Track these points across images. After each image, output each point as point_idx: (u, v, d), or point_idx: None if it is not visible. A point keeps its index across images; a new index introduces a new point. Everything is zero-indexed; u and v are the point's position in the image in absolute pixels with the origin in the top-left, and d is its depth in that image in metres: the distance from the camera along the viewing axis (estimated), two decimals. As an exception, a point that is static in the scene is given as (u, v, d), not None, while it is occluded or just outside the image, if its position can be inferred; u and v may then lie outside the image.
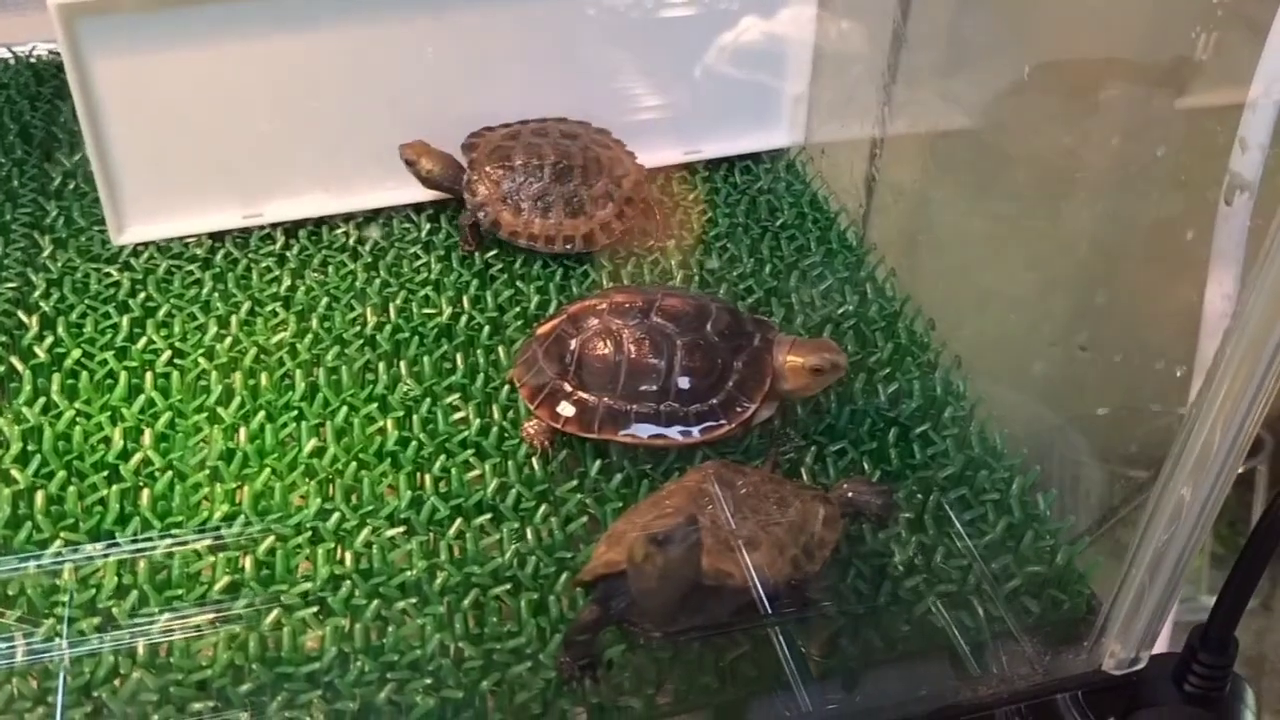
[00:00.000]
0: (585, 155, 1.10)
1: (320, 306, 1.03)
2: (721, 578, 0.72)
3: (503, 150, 1.09)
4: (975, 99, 0.97)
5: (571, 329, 0.92)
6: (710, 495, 0.78)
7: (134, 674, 0.73)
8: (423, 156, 1.10)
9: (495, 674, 0.77)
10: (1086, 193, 0.88)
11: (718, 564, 0.72)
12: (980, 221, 0.99)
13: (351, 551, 0.83)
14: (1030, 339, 0.93)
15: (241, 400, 0.94)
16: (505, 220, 1.08)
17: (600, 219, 1.09)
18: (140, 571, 0.80)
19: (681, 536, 0.68)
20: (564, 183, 1.08)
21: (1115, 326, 0.88)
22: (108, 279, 1.04)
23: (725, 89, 1.19)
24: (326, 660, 0.76)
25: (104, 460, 0.87)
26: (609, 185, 1.09)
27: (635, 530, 0.77)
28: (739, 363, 0.90)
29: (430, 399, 0.95)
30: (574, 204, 1.08)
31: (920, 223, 1.08)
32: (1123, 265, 0.87)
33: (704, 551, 0.73)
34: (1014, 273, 0.96)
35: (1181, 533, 0.75)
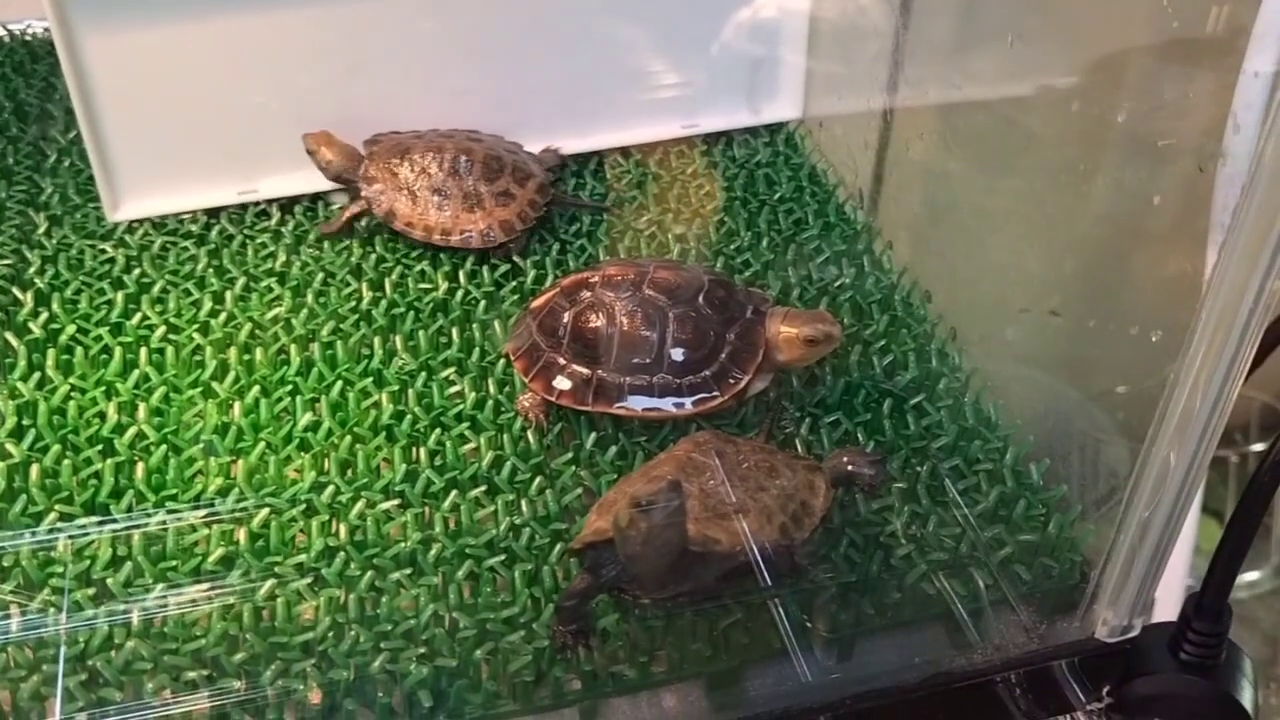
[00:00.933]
0: (488, 154, 1.08)
1: (316, 282, 1.04)
2: (709, 544, 0.72)
3: (403, 145, 1.09)
4: (979, 69, 0.97)
5: (565, 302, 0.92)
6: (699, 464, 0.78)
7: (128, 643, 0.74)
8: (323, 146, 1.08)
9: (489, 643, 0.77)
10: (1091, 166, 0.87)
11: (704, 530, 0.72)
12: (981, 194, 0.98)
13: (346, 524, 0.84)
14: (1026, 310, 0.92)
15: (236, 375, 0.94)
16: (400, 210, 1.06)
17: (499, 216, 1.07)
18: (135, 544, 0.80)
19: (664, 501, 0.69)
20: (462, 178, 1.07)
21: (1112, 297, 0.88)
22: (102, 255, 1.04)
23: (722, 62, 1.18)
24: (321, 630, 0.77)
25: (99, 435, 0.87)
26: (510, 184, 1.08)
27: (625, 499, 0.77)
28: (731, 334, 0.90)
29: (426, 373, 0.96)
30: (471, 199, 1.07)
31: (919, 195, 1.08)
32: (1125, 238, 0.86)
33: (691, 518, 0.73)
34: (1012, 244, 0.95)
35: (1167, 497, 0.75)
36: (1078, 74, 0.86)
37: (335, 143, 1.09)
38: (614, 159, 1.19)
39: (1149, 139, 0.80)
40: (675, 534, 0.71)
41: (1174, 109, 0.78)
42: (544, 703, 0.77)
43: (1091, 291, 0.87)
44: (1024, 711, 0.86)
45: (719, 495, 0.75)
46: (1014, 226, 0.95)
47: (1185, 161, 0.78)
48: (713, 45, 1.17)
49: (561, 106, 1.15)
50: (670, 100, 1.19)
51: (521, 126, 1.15)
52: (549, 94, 1.14)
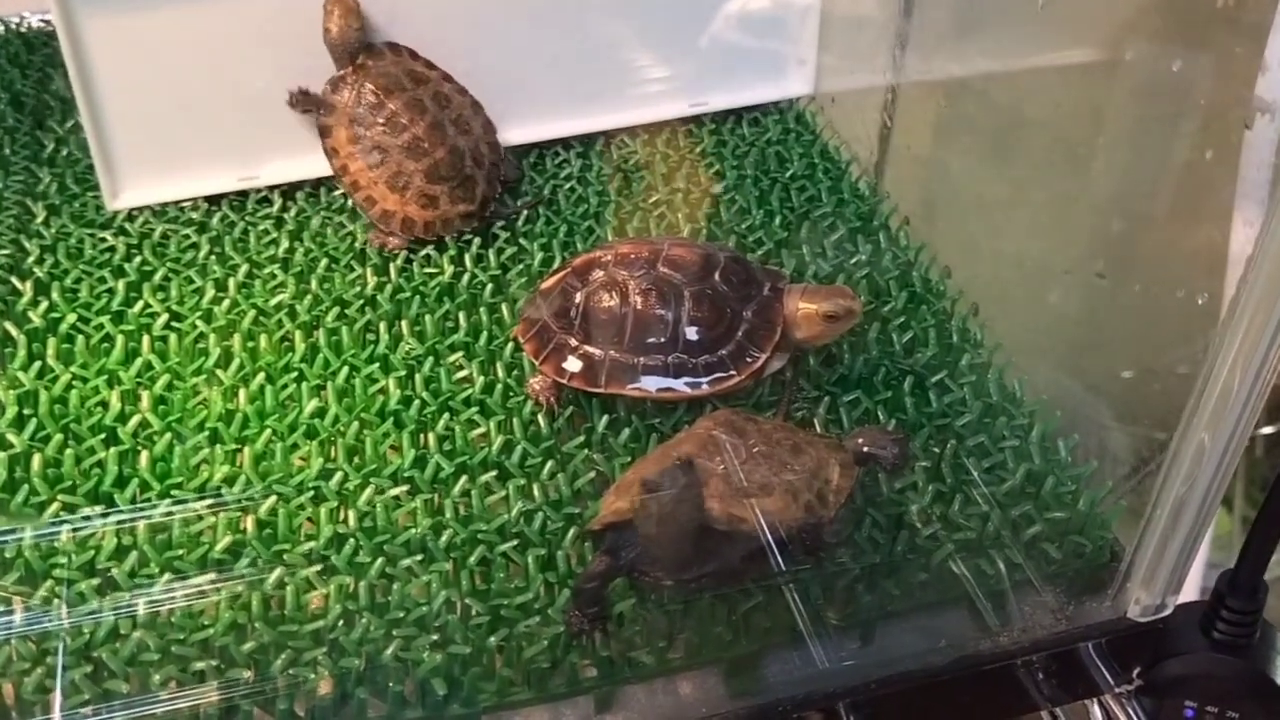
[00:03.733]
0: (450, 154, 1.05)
1: (319, 268, 1.01)
2: (734, 523, 0.70)
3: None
4: (997, 37, 0.94)
5: (576, 282, 0.90)
6: (721, 442, 0.76)
7: (134, 634, 0.72)
8: (337, 9, 1.03)
9: (503, 630, 0.75)
10: (1109, 136, 0.85)
11: (730, 509, 0.70)
12: (998, 167, 0.96)
13: (355, 510, 0.82)
14: (1049, 281, 0.90)
15: (240, 363, 0.92)
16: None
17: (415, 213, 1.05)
18: (140, 533, 0.78)
19: (679, 478, 0.67)
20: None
21: (1144, 264, 0.85)
22: (102, 244, 1.02)
23: (730, 38, 1.16)
24: (331, 618, 0.75)
25: (101, 424, 0.85)
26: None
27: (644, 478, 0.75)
28: (748, 312, 0.88)
29: (433, 358, 0.93)
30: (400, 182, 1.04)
31: (935, 170, 1.06)
32: (1146, 205, 0.84)
33: (716, 497, 0.71)
34: (1032, 216, 0.93)
35: (1203, 477, 0.73)
36: (1102, 40, 0.83)
37: (352, 12, 1.04)
38: (620, 139, 1.17)
39: (1175, 104, 0.78)
40: (693, 511, 0.69)
41: (1197, 75, 0.76)
42: (559, 690, 0.75)
43: (1120, 259, 0.84)
44: (1048, 696, 0.84)
45: (743, 473, 0.73)
46: (1034, 197, 0.93)
47: (1214, 128, 0.76)
48: (720, 21, 1.15)
49: (567, 86, 1.13)
50: (678, 78, 1.17)
51: (526, 107, 1.13)
52: (554, 73, 1.12)
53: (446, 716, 0.73)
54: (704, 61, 1.16)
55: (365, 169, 1.03)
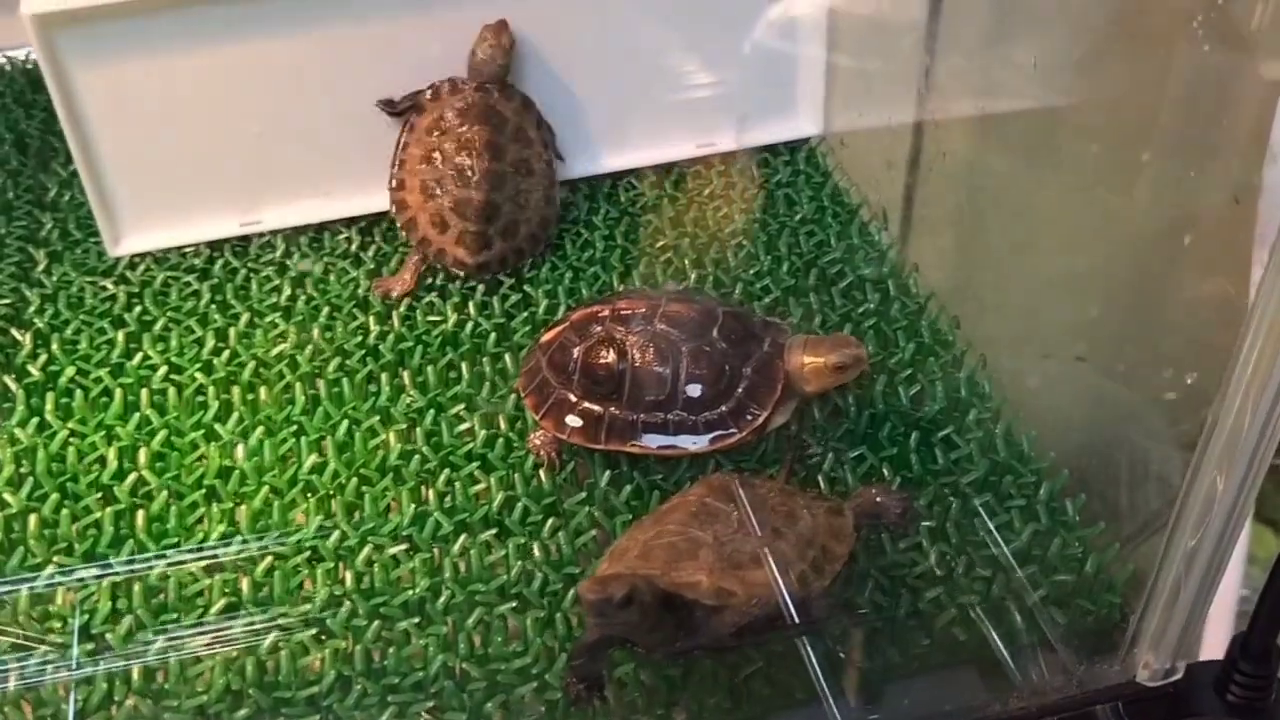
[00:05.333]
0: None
1: (321, 316, 1.01)
2: (723, 597, 0.69)
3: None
4: (1009, 81, 0.93)
5: (575, 337, 0.89)
6: (714, 510, 0.75)
7: (128, 701, 0.71)
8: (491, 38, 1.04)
9: (500, 695, 0.74)
10: (1128, 176, 0.83)
11: (719, 582, 0.69)
12: (1011, 214, 0.94)
13: (352, 570, 0.81)
14: (1060, 336, 0.89)
15: (240, 416, 0.91)
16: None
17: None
18: (135, 595, 0.77)
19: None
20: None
21: (1154, 320, 0.84)
22: (103, 293, 1.02)
23: (738, 78, 1.15)
24: (326, 684, 0.74)
25: (99, 481, 0.85)
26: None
27: (637, 548, 0.74)
28: (748, 369, 0.86)
29: (435, 410, 0.93)
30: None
31: (946, 215, 1.04)
32: (1166, 257, 0.82)
33: (705, 570, 0.70)
34: (1045, 267, 0.91)
35: (1213, 528, 0.71)
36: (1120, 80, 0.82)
37: (501, 47, 1.04)
38: (627, 181, 1.16)
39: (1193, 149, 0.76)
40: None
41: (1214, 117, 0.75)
42: (556, 759, 0.74)
43: (1130, 316, 0.83)
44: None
45: (734, 544, 0.72)
46: (1047, 246, 0.92)
47: (1226, 178, 0.74)
48: (728, 62, 1.14)
49: (574, 129, 1.12)
50: (685, 120, 1.16)
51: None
52: (560, 117, 1.11)
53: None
54: (711, 102, 1.15)
55: (416, 165, 1.04)
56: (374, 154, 1.07)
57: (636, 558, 0.71)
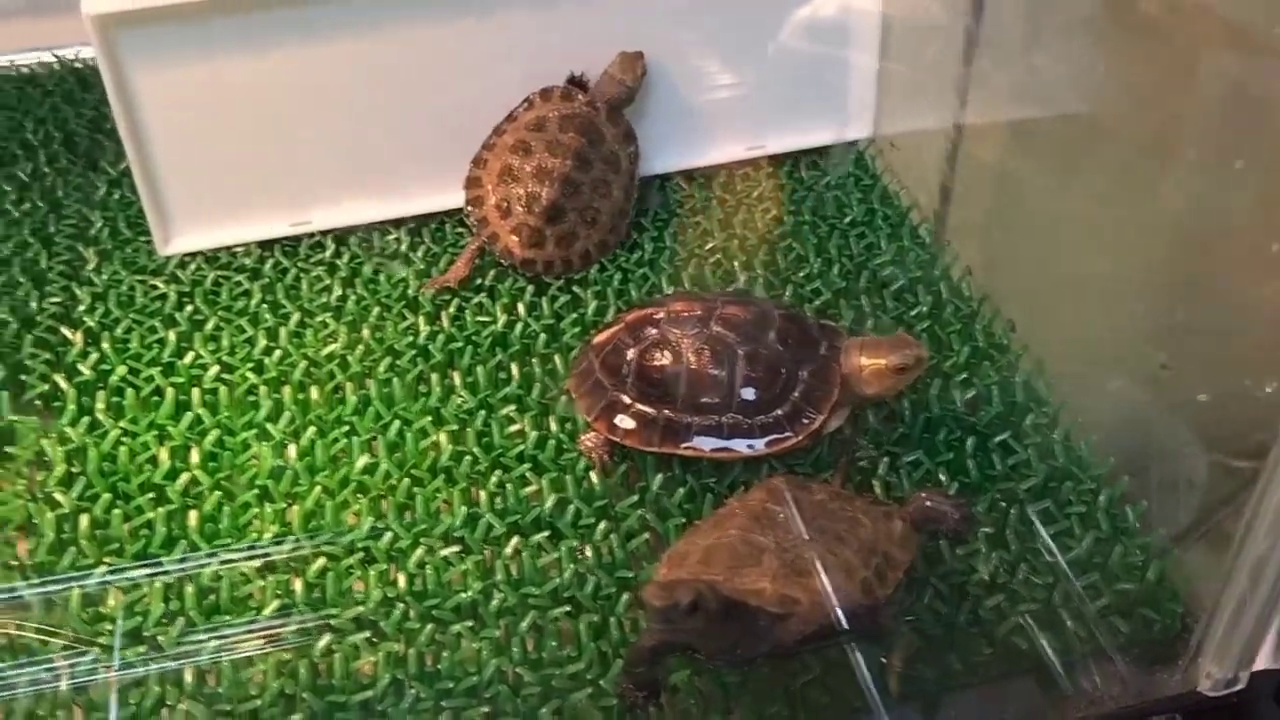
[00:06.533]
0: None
1: (372, 316, 1.00)
2: (786, 605, 0.67)
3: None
4: (1057, 74, 0.91)
5: (629, 339, 0.88)
6: (774, 515, 0.74)
7: (182, 705, 0.71)
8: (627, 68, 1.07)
9: (554, 701, 0.74)
10: (1186, 175, 0.81)
11: (782, 590, 0.68)
12: (1067, 213, 0.93)
13: (405, 572, 0.80)
14: (1122, 340, 0.87)
15: (291, 416, 0.91)
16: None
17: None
18: (188, 596, 0.77)
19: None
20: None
21: (1224, 327, 0.82)
22: (154, 292, 1.02)
23: (789, 81, 1.14)
24: (380, 688, 0.73)
25: (150, 481, 0.85)
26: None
27: (697, 553, 0.73)
28: (804, 372, 0.85)
29: (485, 411, 0.92)
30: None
31: (999, 217, 1.02)
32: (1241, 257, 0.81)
33: (769, 576, 0.69)
34: (1102, 268, 0.90)
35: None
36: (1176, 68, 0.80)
37: (632, 74, 1.07)
38: (676, 183, 1.15)
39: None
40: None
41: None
42: (611, 767, 0.73)
43: (1201, 320, 0.81)
44: (1121, 769, 0.80)
45: (797, 550, 0.71)
46: (1104, 247, 0.90)
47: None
48: (779, 64, 1.12)
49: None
50: (735, 121, 1.15)
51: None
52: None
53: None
54: (761, 104, 1.14)
55: (504, 150, 1.05)
56: (424, 157, 1.08)
57: (698, 563, 0.70)
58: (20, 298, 0.99)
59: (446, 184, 1.08)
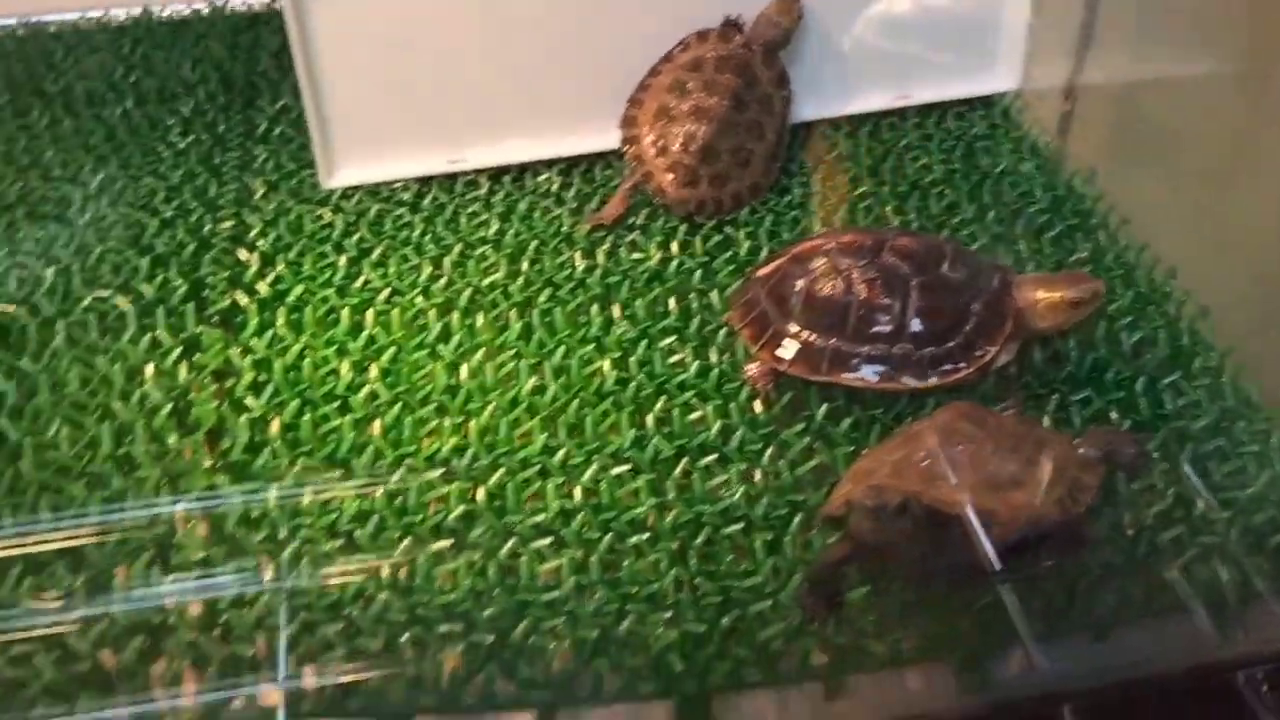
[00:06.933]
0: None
1: (529, 250, 1.03)
2: (984, 515, 0.68)
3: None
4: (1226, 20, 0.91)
5: (796, 269, 0.89)
6: (966, 432, 0.74)
7: (380, 595, 0.73)
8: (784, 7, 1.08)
9: (734, 611, 0.75)
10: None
11: (981, 501, 0.69)
12: (1228, 162, 0.92)
13: (580, 486, 0.82)
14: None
15: (460, 339, 0.93)
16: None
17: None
18: (378, 499, 0.79)
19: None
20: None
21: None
22: (321, 220, 1.05)
23: (938, 31, 1.14)
24: (565, 589, 0.75)
25: (333, 392, 0.87)
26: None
27: (885, 468, 0.74)
28: (977, 305, 0.86)
29: (646, 341, 0.94)
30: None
31: (1156, 166, 1.02)
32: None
33: (965, 488, 0.69)
34: (1269, 217, 0.89)
35: None
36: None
37: (790, 15, 1.09)
38: (823, 130, 1.16)
39: None
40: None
41: None
42: (789, 675, 0.74)
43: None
44: (1274, 710, 0.80)
45: (991, 466, 0.71)
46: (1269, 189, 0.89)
47: None
48: (930, 14, 1.13)
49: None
50: (884, 71, 1.15)
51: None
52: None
53: (677, 693, 0.73)
54: (910, 53, 1.15)
55: (661, 89, 1.07)
56: (578, 98, 1.10)
57: (887, 477, 0.71)
58: (194, 222, 1.03)
59: (599, 126, 1.10)
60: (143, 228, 1.01)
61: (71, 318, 0.92)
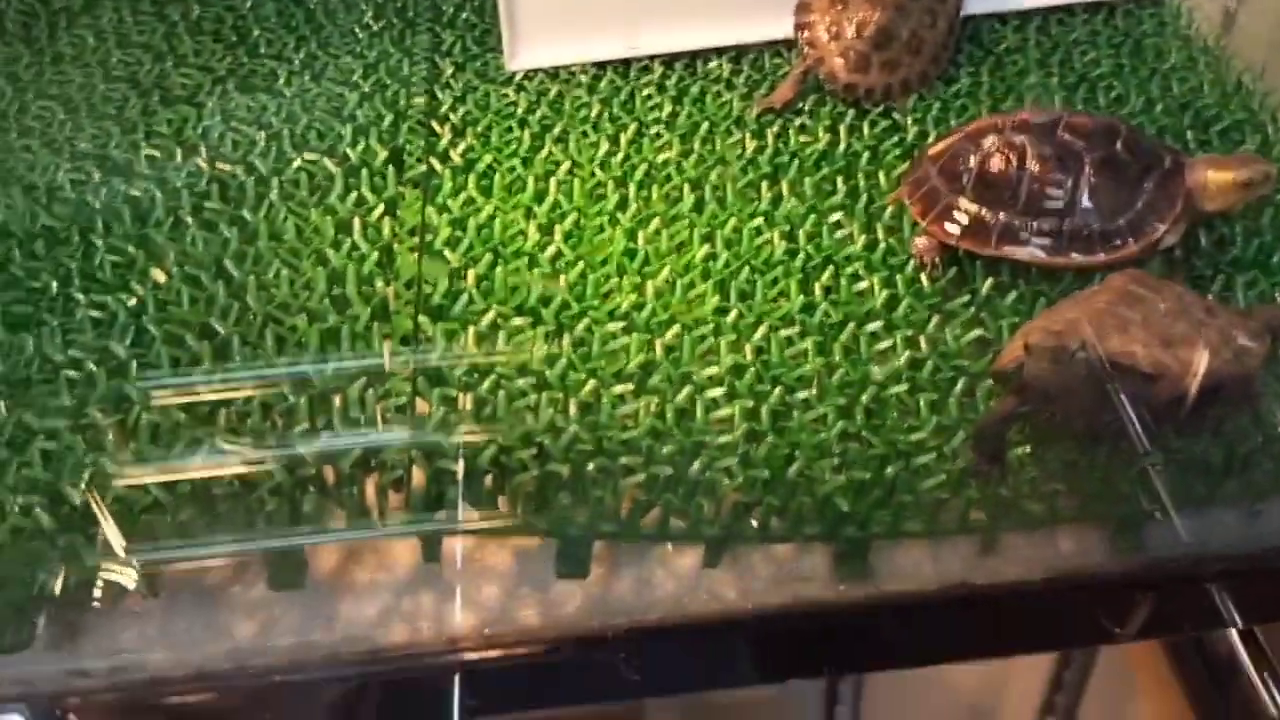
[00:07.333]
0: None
1: (701, 131, 1.07)
2: (1159, 368, 0.71)
3: None
4: None
5: (969, 146, 0.91)
6: (1139, 295, 0.76)
7: (570, 427, 0.80)
8: None
9: (898, 462, 0.79)
10: None
11: (1154, 354, 0.71)
12: None
13: (750, 345, 0.87)
14: None
15: (637, 209, 0.98)
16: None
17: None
18: (564, 344, 0.86)
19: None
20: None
21: None
22: (506, 99, 1.11)
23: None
24: (738, 434, 0.80)
25: (522, 250, 0.94)
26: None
27: (1059, 324, 0.77)
28: (1149, 183, 0.87)
29: (814, 216, 0.97)
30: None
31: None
32: None
33: (1139, 343, 0.72)
34: None
35: None
36: None
37: None
38: (991, 24, 1.17)
39: None
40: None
41: None
42: (948, 527, 0.79)
43: None
44: None
45: (1164, 325, 0.74)
46: None
47: None
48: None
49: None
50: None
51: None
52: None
53: (839, 537, 0.78)
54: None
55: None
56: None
57: (1064, 328, 0.74)
58: (390, 97, 1.09)
59: (770, 15, 1.13)
60: (344, 100, 1.09)
61: (284, 176, 1.00)
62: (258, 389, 0.81)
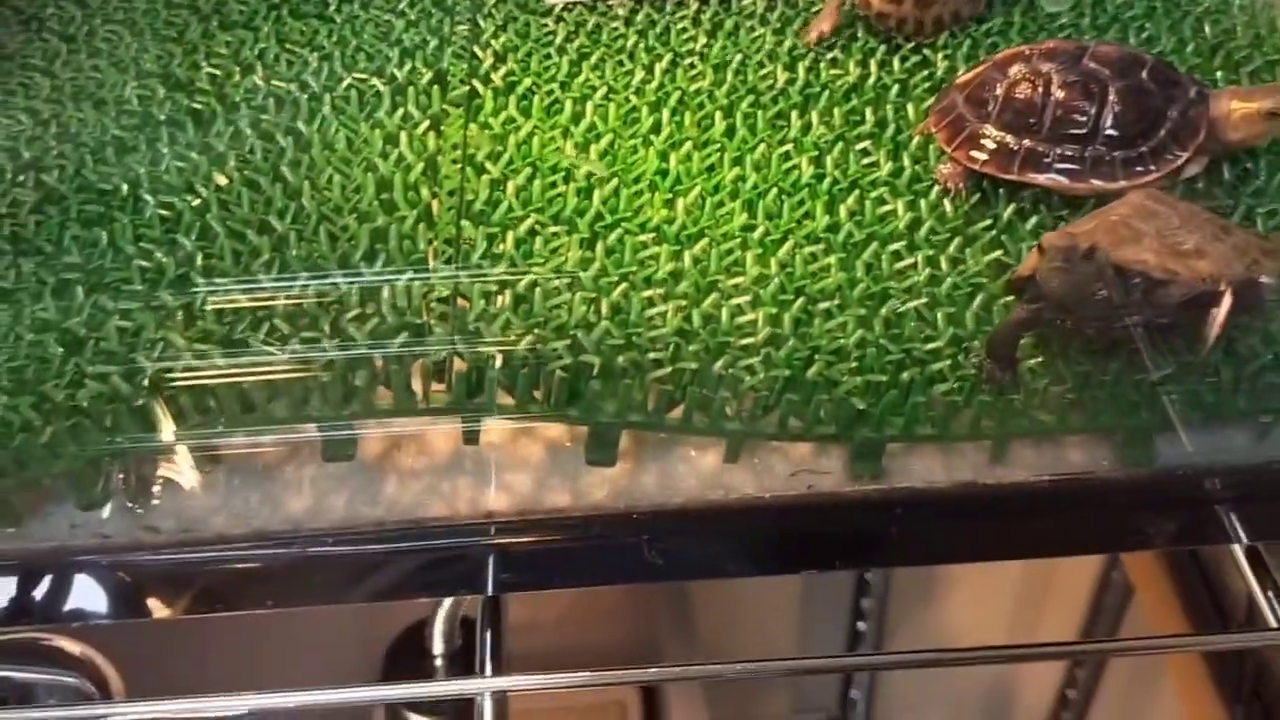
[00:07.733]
0: None
1: (734, 63, 1.09)
2: (1169, 273, 0.73)
3: None
4: None
5: (997, 74, 0.94)
6: (1153, 210, 0.79)
7: (602, 324, 0.83)
8: None
9: (914, 368, 0.82)
10: None
11: (1165, 262, 0.74)
12: None
13: (775, 260, 0.90)
14: None
15: (670, 132, 1.01)
16: None
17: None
18: (598, 250, 0.89)
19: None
20: None
21: None
22: (545, 29, 1.14)
23: None
24: (761, 338, 0.84)
25: (559, 166, 0.97)
26: None
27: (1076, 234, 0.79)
28: (1173, 111, 0.89)
29: (842, 144, 1.00)
30: None
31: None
32: None
33: (1151, 252, 0.74)
34: None
35: None
36: None
37: None
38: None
39: None
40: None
41: None
42: (959, 433, 0.82)
43: None
44: None
45: (1176, 237, 0.76)
46: None
47: None
48: None
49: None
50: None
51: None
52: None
53: (853, 438, 0.81)
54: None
55: None
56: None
57: (1079, 235, 0.76)
58: (434, 24, 1.13)
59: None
60: (391, 26, 1.12)
61: (335, 94, 1.04)
62: (313, 280, 0.86)
